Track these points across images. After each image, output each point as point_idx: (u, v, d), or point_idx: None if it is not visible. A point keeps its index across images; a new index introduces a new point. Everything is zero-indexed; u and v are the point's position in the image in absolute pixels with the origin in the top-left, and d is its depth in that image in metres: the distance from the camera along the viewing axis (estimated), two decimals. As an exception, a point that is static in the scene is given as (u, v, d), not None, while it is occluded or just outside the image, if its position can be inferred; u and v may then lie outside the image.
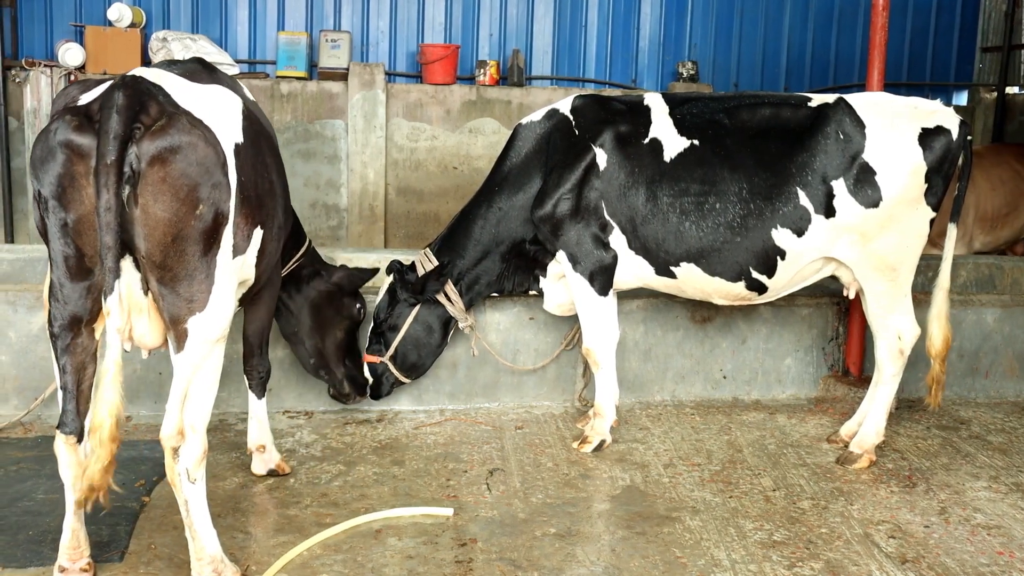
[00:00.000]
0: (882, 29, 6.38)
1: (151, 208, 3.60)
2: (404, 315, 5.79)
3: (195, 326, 3.77)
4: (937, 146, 5.33)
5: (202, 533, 3.93)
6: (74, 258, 3.68)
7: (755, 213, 5.38)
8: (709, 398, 6.59)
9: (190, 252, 3.71)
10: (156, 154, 3.58)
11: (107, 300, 3.49)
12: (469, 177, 10.85)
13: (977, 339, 6.77)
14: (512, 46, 11.36)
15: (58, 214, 3.63)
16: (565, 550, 4.39)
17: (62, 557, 3.97)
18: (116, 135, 3.49)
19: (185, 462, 3.84)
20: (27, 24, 10.69)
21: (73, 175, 3.59)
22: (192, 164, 3.66)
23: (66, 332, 3.78)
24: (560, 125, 5.70)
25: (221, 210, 3.77)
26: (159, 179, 3.59)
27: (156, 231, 3.62)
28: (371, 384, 5.88)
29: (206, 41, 10.50)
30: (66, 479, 3.91)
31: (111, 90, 3.63)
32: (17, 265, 6.88)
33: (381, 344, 5.83)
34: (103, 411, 3.50)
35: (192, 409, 3.86)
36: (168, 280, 3.71)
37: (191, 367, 3.83)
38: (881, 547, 4.50)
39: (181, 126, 3.66)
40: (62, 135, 3.58)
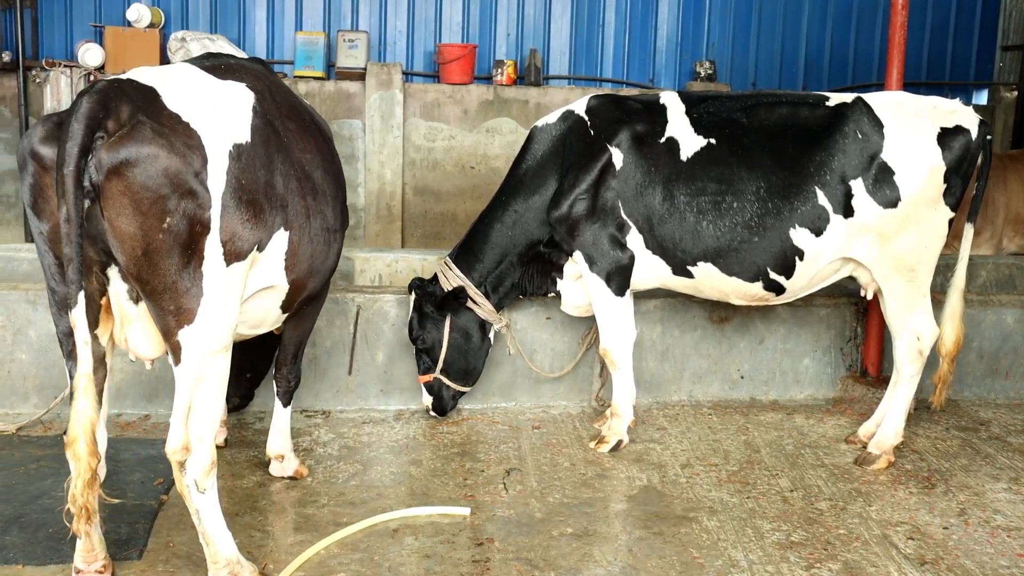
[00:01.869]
0: (901, 28, 6.35)
1: (116, 222, 3.48)
2: (440, 327, 5.79)
3: (187, 338, 3.68)
4: (956, 146, 5.30)
5: (216, 539, 3.90)
6: (55, 267, 3.65)
7: (773, 212, 5.36)
8: (726, 398, 6.57)
9: (164, 265, 3.56)
10: (112, 166, 3.42)
11: (71, 313, 3.37)
12: (486, 177, 10.85)
13: (997, 340, 6.73)
14: (529, 46, 11.36)
15: (34, 223, 3.59)
16: (582, 550, 4.39)
17: (78, 560, 3.96)
18: (75, 144, 3.35)
19: (193, 473, 3.80)
20: (47, 24, 10.77)
21: (41, 186, 3.53)
22: (152, 176, 3.47)
23: (68, 338, 3.70)
24: (576, 126, 5.70)
25: (198, 219, 3.59)
26: (119, 192, 3.45)
27: (125, 244, 3.51)
28: (432, 402, 5.91)
29: (224, 41, 10.54)
30: None
31: (79, 96, 3.50)
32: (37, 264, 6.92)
33: (429, 361, 5.85)
34: (76, 425, 3.42)
35: (197, 420, 3.80)
36: (149, 293, 3.61)
37: (192, 379, 3.75)
38: (900, 548, 4.48)
39: (141, 136, 3.47)
40: (29, 144, 3.52)
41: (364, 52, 10.75)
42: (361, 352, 6.13)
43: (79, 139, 3.36)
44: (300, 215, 4.18)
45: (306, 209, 4.23)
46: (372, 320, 6.12)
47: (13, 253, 6.92)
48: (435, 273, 5.93)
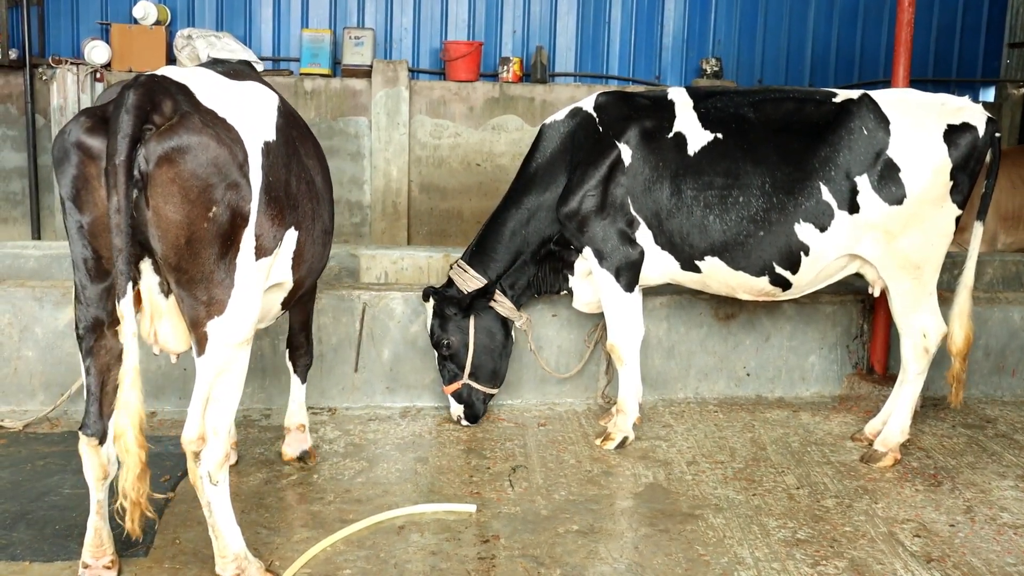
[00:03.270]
0: (908, 25, 6.34)
1: (162, 210, 3.53)
2: (465, 331, 5.77)
3: (215, 329, 3.73)
4: (963, 143, 5.29)
5: (225, 532, 3.94)
6: (92, 260, 3.66)
7: (778, 207, 5.36)
8: (732, 395, 6.57)
9: (205, 254, 3.63)
10: (164, 154, 3.50)
11: (120, 303, 3.45)
12: (492, 174, 10.85)
13: (1004, 337, 6.72)
14: (535, 43, 11.35)
15: (74, 216, 3.61)
16: (588, 547, 4.39)
17: (86, 554, 3.98)
18: (125, 135, 3.43)
19: (206, 465, 3.84)
20: (53, 22, 10.78)
21: (86, 177, 3.56)
22: (203, 164, 3.56)
23: (90, 334, 3.75)
24: (584, 123, 5.71)
25: (239, 211, 3.69)
26: (168, 180, 3.52)
27: (169, 233, 3.56)
28: (464, 410, 5.83)
29: (230, 38, 10.53)
30: (89, 480, 3.90)
31: (124, 89, 3.57)
32: (44, 262, 6.95)
33: (455, 368, 5.81)
34: (124, 418, 3.48)
35: (214, 413, 3.83)
36: (185, 283, 3.65)
37: (213, 371, 3.78)
38: (906, 546, 4.47)
39: (191, 125, 3.56)
40: (74, 136, 3.55)
41: (370, 49, 10.74)
42: (367, 349, 6.14)
43: (130, 129, 3.43)
44: (307, 216, 4.24)
45: (311, 211, 4.30)
46: (378, 317, 6.12)
47: (20, 250, 6.94)
48: (448, 278, 5.91)
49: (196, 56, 10.19)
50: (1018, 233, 8.35)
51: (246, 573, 3.97)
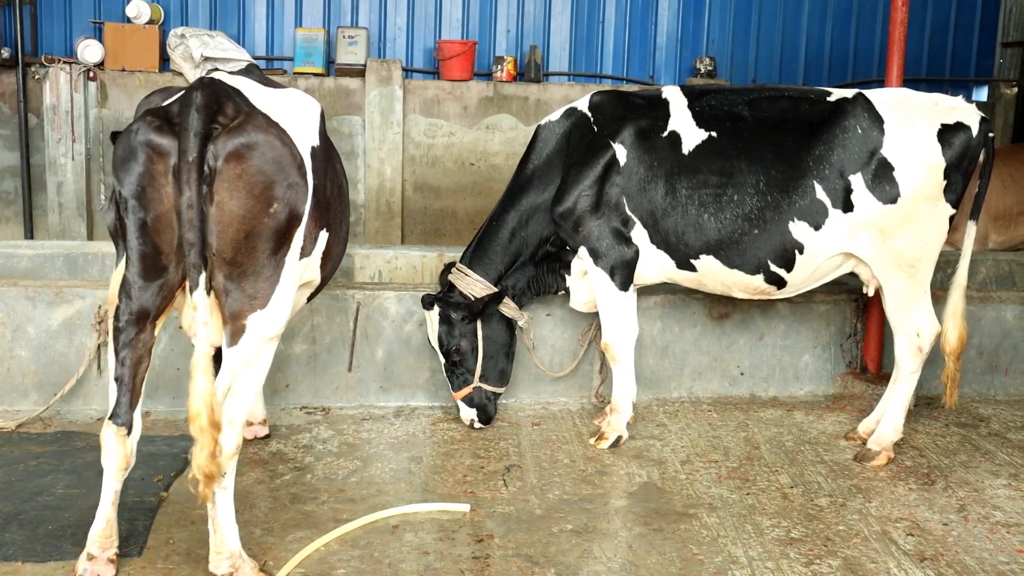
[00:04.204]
0: (901, 24, 6.35)
1: (226, 204, 3.68)
2: (473, 335, 5.75)
3: (254, 323, 3.84)
4: (956, 143, 5.30)
5: (225, 527, 3.97)
6: (151, 256, 3.74)
7: (772, 205, 5.37)
8: (726, 395, 6.57)
9: (261, 249, 3.78)
10: (232, 151, 3.66)
11: (193, 295, 3.58)
12: (486, 173, 10.85)
13: (997, 336, 6.73)
14: (529, 42, 11.35)
15: (137, 213, 3.70)
16: (582, 546, 4.39)
17: (92, 545, 3.98)
18: (196, 133, 3.58)
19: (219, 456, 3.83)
20: (46, 21, 10.77)
21: (153, 175, 3.66)
22: (268, 162, 3.74)
23: (131, 327, 3.83)
24: (579, 123, 5.71)
25: (296, 211, 3.86)
26: (235, 175, 3.67)
27: (230, 227, 3.70)
28: (478, 413, 5.79)
29: (224, 38, 10.54)
30: (108, 468, 3.96)
31: (190, 91, 3.73)
32: (37, 261, 6.93)
33: (465, 372, 5.77)
34: (198, 401, 3.59)
35: (234, 403, 3.89)
36: (236, 276, 3.78)
37: (242, 362, 3.87)
38: (899, 545, 4.48)
39: (257, 124, 3.75)
40: (143, 135, 3.66)
41: (364, 49, 10.74)
42: (361, 349, 6.13)
43: (201, 127, 3.60)
44: (336, 218, 4.44)
45: (340, 212, 4.52)
46: (372, 317, 6.12)
47: (13, 250, 6.91)
48: (449, 283, 5.88)
49: (189, 55, 10.18)
50: (1009, 232, 8.36)
51: (239, 572, 3.97)
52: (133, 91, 10.39)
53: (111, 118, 10.42)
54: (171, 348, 5.90)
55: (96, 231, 10.51)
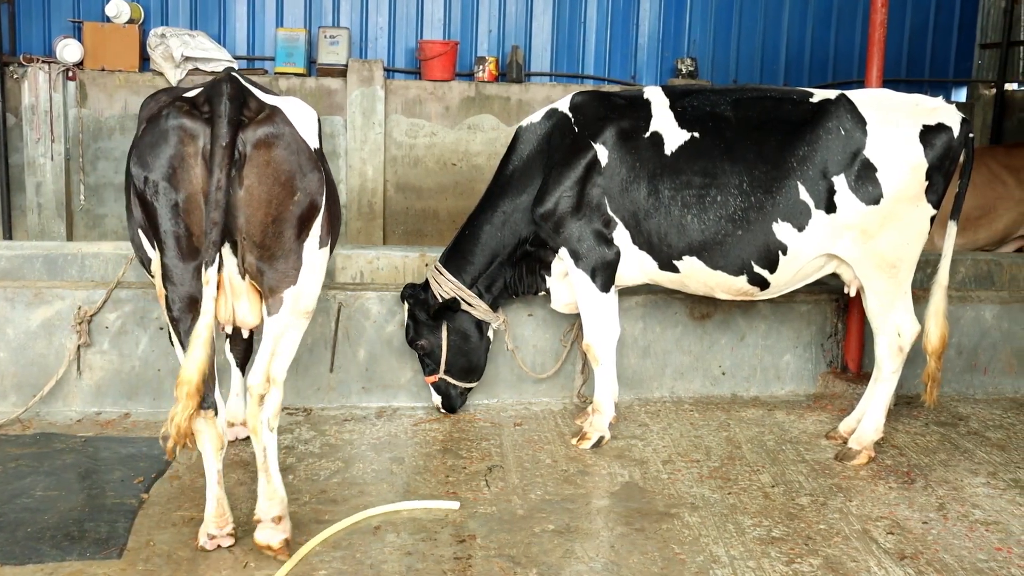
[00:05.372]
0: (881, 25, 6.38)
1: (255, 189, 3.92)
2: (437, 333, 5.83)
3: (288, 296, 4.13)
4: (938, 143, 5.32)
5: (275, 475, 4.24)
6: (184, 238, 3.91)
7: (755, 206, 5.38)
8: (708, 394, 6.58)
9: (287, 234, 4.03)
10: (262, 139, 3.92)
11: (207, 270, 3.78)
12: (468, 174, 10.85)
13: (976, 335, 6.77)
14: (511, 42, 11.35)
15: (168, 195, 3.87)
16: (564, 546, 4.39)
17: (210, 526, 4.23)
18: (230, 120, 3.82)
19: (267, 412, 4.17)
20: (25, 20, 10.68)
21: (184, 156, 3.85)
22: (293, 153, 4.01)
23: (185, 314, 4.02)
24: (560, 124, 5.71)
25: (315, 201, 4.11)
26: (264, 162, 3.92)
27: (258, 211, 3.94)
28: (442, 401, 5.97)
29: (204, 37, 10.50)
30: (208, 452, 4.16)
31: (218, 83, 3.96)
32: (16, 262, 6.88)
33: (432, 363, 5.89)
34: (191, 368, 3.79)
35: (276, 365, 4.19)
36: (266, 258, 4.03)
37: (281, 327, 4.16)
38: (879, 543, 4.50)
39: (282, 118, 4.03)
40: (175, 119, 3.87)
41: (345, 49, 10.71)
42: (343, 349, 6.11)
43: (233, 116, 3.85)
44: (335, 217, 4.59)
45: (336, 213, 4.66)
46: (353, 317, 6.10)
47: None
48: (426, 279, 5.91)
49: (170, 55, 10.14)
50: (969, 236, 8.37)
51: (285, 518, 4.24)
52: (113, 91, 10.33)
53: (90, 118, 10.36)
54: (151, 350, 5.87)
55: (75, 231, 10.45)
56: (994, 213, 8.42)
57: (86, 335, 5.73)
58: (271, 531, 4.20)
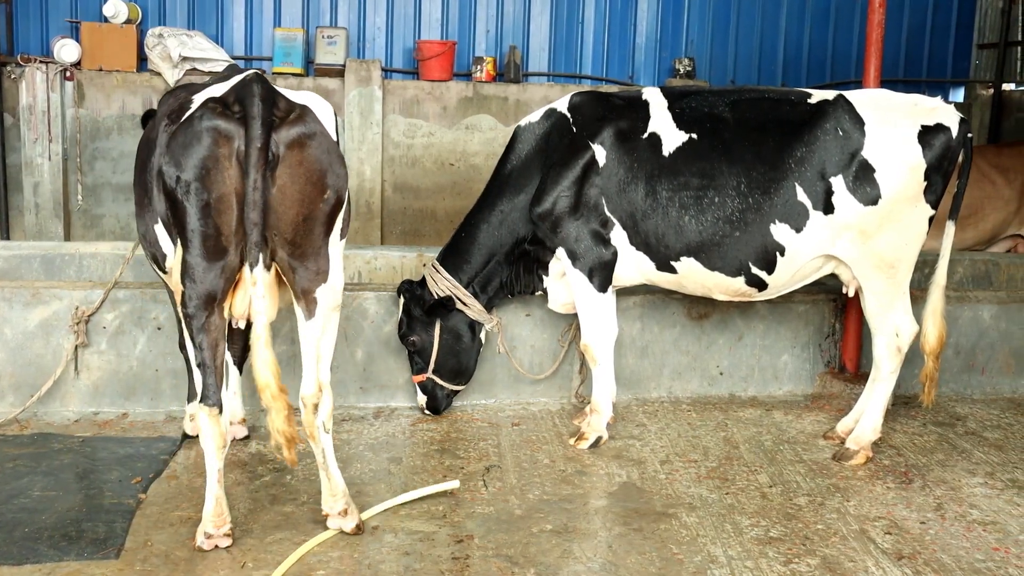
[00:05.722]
0: (879, 26, 6.38)
1: (288, 189, 3.98)
2: (430, 330, 5.83)
3: (322, 295, 4.21)
4: (937, 144, 5.32)
5: (336, 473, 4.41)
6: (212, 238, 3.94)
7: (753, 208, 5.38)
8: (706, 395, 6.59)
9: (317, 231, 4.11)
10: (295, 139, 3.99)
11: (253, 271, 3.87)
12: (466, 174, 10.84)
13: (973, 335, 6.78)
14: (509, 42, 11.34)
15: (200, 195, 3.90)
16: (562, 547, 4.39)
17: (208, 525, 4.22)
18: (264, 121, 3.87)
19: (322, 416, 4.33)
20: (22, 20, 10.67)
21: (217, 157, 3.89)
22: (323, 151, 4.08)
23: (201, 311, 4.03)
24: (558, 124, 5.71)
25: (341, 196, 4.20)
26: (296, 162, 3.99)
27: (291, 210, 4.00)
28: (427, 401, 5.95)
29: (202, 37, 10.48)
30: (209, 449, 4.17)
31: (248, 83, 4.00)
32: (13, 262, 6.88)
33: (421, 362, 5.88)
34: (265, 372, 3.90)
35: (324, 369, 4.31)
36: (298, 255, 4.10)
37: (319, 330, 4.25)
38: (877, 543, 4.50)
39: (312, 117, 4.10)
40: (209, 121, 3.91)
41: (343, 49, 10.70)
42: (340, 350, 6.10)
43: (267, 116, 3.90)
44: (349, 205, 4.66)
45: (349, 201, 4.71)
46: (351, 317, 6.10)
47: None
48: (423, 276, 5.92)
49: (167, 55, 10.13)
50: (963, 234, 8.36)
51: (350, 508, 4.42)
52: (110, 91, 10.32)
53: (88, 118, 10.35)
54: (148, 350, 5.87)
55: (73, 232, 10.44)
56: (982, 212, 8.43)
57: (84, 335, 5.72)
58: (340, 522, 4.41)
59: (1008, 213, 8.57)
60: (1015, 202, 8.56)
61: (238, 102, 3.95)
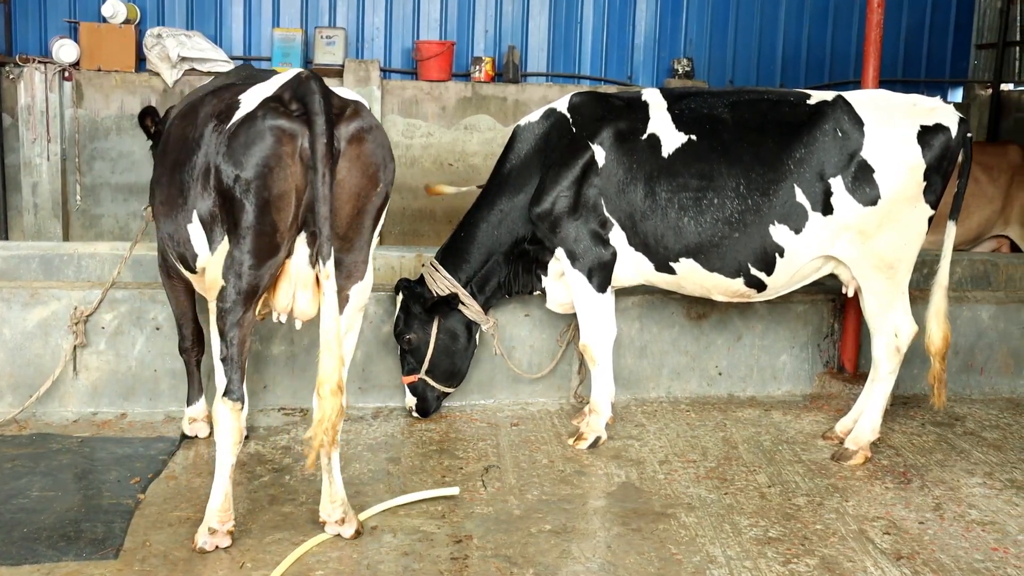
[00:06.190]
0: (877, 26, 6.38)
1: (345, 183, 4.04)
2: (427, 329, 5.79)
3: (354, 293, 4.28)
4: (936, 144, 5.32)
5: (338, 478, 4.38)
6: (268, 235, 3.98)
7: (752, 209, 5.38)
8: (704, 395, 6.59)
9: (366, 225, 4.19)
10: (355, 134, 4.05)
11: (325, 265, 3.89)
12: (464, 174, 10.83)
13: (972, 336, 6.78)
14: (507, 43, 11.34)
15: (261, 194, 3.94)
16: (561, 547, 4.39)
17: (212, 520, 4.22)
18: (328, 117, 3.92)
19: None
20: (21, 20, 10.66)
21: (280, 155, 3.93)
22: (379, 146, 4.16)
23: (239, 307, 4.07)
24: (558, 123, 5.71)
25: (389, 191, 4.28)
26: (355, 156, 4.06)
27: (347, 205, 4.07)
28: (416, 403, 5.90)
29: (201, 37, 10.48)
30: (225, 444, 4.17)
31: (306, 80, 4.04)
32: (12, 262, 6.88)
33: (414, 362, 5.84)
34: (330, 365, 3.91)
35: (344, 370, 4.17)
36: (344, 250, 4.15)
37: (346, 327, 4.26)
38: (876, 543, 4.50)
39: (367, 112, 4.18)
40: (272, 120, 3.95)
41: (342, 49, 10.70)
42: (339, 349, 6.10)
43: (328, 114, 3.94)
44: None
45: None
46: (350, 317, 6.09)
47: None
48: (421, 275, 5.92)
49: (166, 55, 10.12)
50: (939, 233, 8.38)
51: (348, 515, 4.39)
52: (109, 91, 10.31)
53: (87, 118, 10.34)
54: (147, 350, 5.87)
55: (72, 232, 10.43)
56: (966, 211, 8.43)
57: (82, 335, 5.72)
58: (338, 529, 4.38)
59: (992, 212, 8.59)
60: (999, 200, 8.58)
61: (296, 100, 4.00)
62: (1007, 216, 8.62)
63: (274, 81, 4.22)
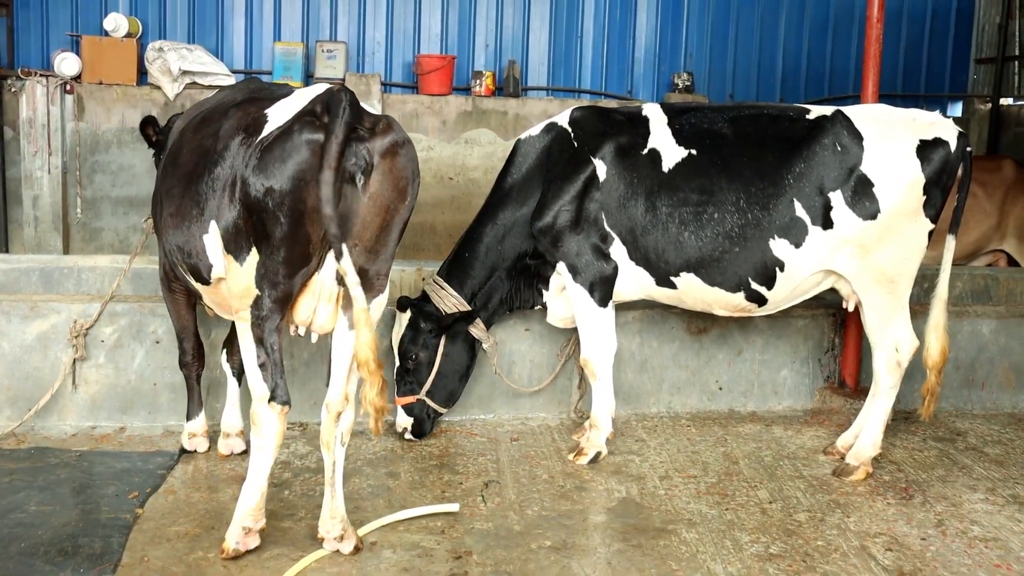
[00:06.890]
0: (877, 40, 6.39)
1: (377, 197, 4.11)
2: (433, 349, 5.74)
3: (372, 307, 4.24)
4: (935, 158, 5.33)
5: (340, 494, 4.39)
6: (302, 245, 4.05)
7: (752, 223, 5.38)
8: (705, 410, 6.57)
9: (391, 238, 4.26)
10: (388, 148, 4.12)
11: (342, 261, 3.92)
12: (465, 188, 10.85)
13: (973, 350, 6.77)
14: (508, 57, 11.37)
15: (297, 205, 3.99)
16: (561, 563, 4.37)
17: (247, 519, 4.30)
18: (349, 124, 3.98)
19: (343, 427, 4.37)
20: (23, 34, 10.69)
21: (315, 168, 3.95)
22: (410, 160, 4.23)
23: (276, 314, 4.15)
24: (559, 138, 5.71)
25: (412, 206, 4.33)
26: (387, 169, 4.12)
27: (377, 217, 4.13)
28: (413, 425, 5.80)
29: (202, 51, 10.50)
30: (269, 448, 4.25)
31: (338, 94, 4.05)
32: (12, 275, 6.87)
33: (414, 382, 5.78)
34: (367, 348, 3.97)
35: (353, 380, 4.33)
36: (368, 262, 4.20)
37: None
38: (878, 560, 4.48)
39: (399, 128, 4.22)
40: (308, 134, 4.00)
41: (342, 63, 10.73)
42: (339, 364, 6.08)
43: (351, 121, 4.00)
44: None
45: None
46: (350, 331, 6.08)
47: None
48: (423, 292, 5.88)
49: (167, 69, 10.14)
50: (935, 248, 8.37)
51: (347, 532, 4.37)
52: (110, 104, 10.33)
53: (88, 131, 10.35)
54: (147, 364, 5.86)
55: (72, 245, 10.43)
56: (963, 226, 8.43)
57: (82, 349, 5.71)
58: (337, 545, 4.38)
59: (988, 227, 8.59)
60: (995, 215, 8.58)
61: (328, 113, 4.04)
62: (1003, 230, 8.63)
63: (304, 94, 4.26)
